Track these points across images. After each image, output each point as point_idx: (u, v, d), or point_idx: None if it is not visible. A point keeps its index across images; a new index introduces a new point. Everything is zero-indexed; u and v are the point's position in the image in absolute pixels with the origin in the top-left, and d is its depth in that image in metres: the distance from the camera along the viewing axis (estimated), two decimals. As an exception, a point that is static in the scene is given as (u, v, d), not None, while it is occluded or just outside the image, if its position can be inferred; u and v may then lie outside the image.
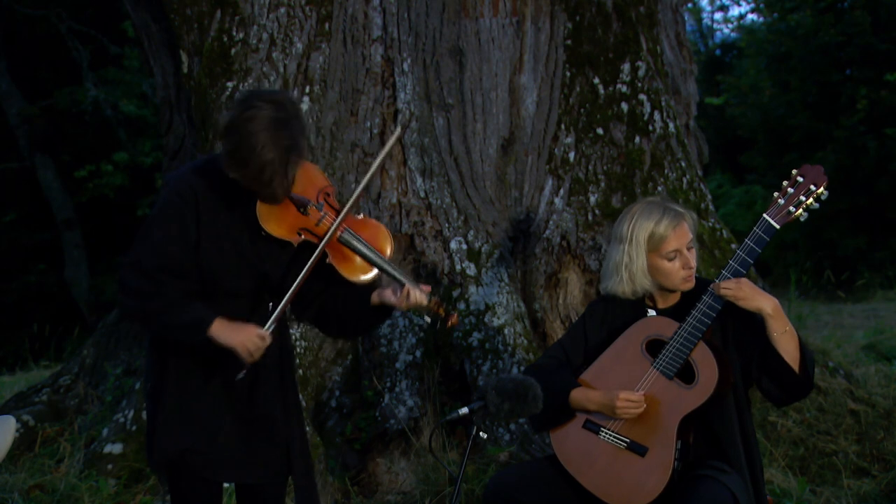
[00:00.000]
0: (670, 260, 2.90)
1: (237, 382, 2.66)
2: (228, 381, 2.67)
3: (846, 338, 6.84)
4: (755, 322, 2.84)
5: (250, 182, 2.55)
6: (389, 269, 2.74)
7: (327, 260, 2.70)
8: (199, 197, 2.62)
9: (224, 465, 2.72)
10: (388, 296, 2.73)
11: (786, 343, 2.76)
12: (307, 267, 2.64)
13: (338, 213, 2.71)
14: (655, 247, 2.89)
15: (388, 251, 2.77)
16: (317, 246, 2.66)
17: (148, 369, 2.79)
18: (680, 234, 2.90)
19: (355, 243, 2.72)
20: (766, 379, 2.84)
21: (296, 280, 2.63)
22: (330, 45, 4.94)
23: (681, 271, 2.90)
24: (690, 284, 2.93)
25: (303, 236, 2.67)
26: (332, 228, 2.67)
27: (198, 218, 2.61)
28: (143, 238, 2.62)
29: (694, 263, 2.92)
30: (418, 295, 2.69)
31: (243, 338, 2.58)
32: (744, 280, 2.77)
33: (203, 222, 2.62)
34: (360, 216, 2.82)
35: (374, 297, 2.75)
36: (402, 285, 2.71)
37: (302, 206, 2.66)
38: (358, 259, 2.72)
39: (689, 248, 2.91)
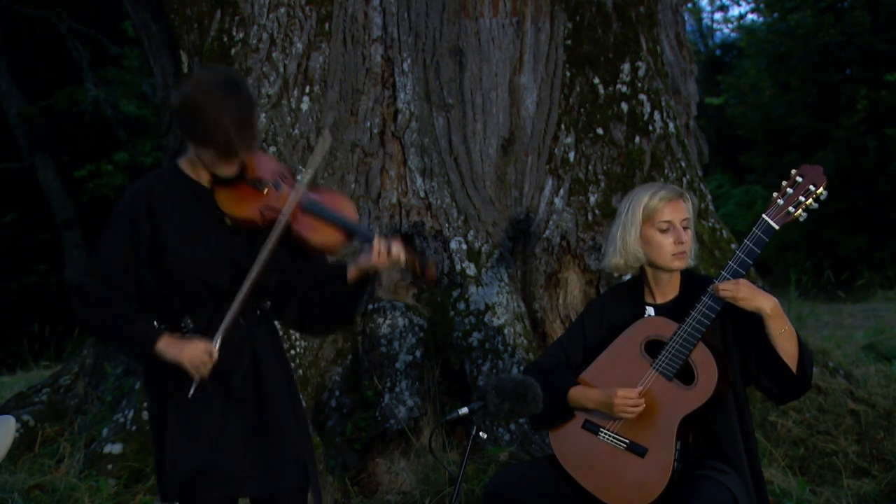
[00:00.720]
0: (662, 231, 2.90)
1: (238, 392, 2.64)
2: (231, 393, 2.65)
3: (846, 338, 6.84)
4: (754, 320, 2.84)
5: (213, 146, 2.54)
6: (356, 228, 2.72)
7: (293, 229, 2.67)
8: (152, 203, 2.61)
9: (239, 479, 2.67)
10: (363, 260, 2.69)
11: (784, 343, 2.76)
12: (273, 236, 2.62)
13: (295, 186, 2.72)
14: (649, 216, 2.92)
15: (352, 215, 2.75)
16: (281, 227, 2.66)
17: (148, 393, 2.76)
18: (675, 208, 2.91)
19: (318, 209, 2.70)
20: (764, 377, 2.84)
21: (261, 259, 2.60)
22: (330, 45, 4.94)
23: (672, 246, 2.89)
24: (681, 264, 2.91)
25: (266, 214, 2.66)
26: (293, 197, 2.66)
27: (153, 223, 2.60)
28: (98, 247, 2.63)
29: (687, 240, 2.90)
30: (391, 247, 2.65)
31: (189, 354, 2.56)
32: (742, 280, 2.76)
33: (161, 227, 2.60)
34: (319, 190, 2.83)
35: (351, 272, 2.72)
36: (371, 242, 2.66)
37: (259, 184, 2.67)
38: (324, 225, 2.69)
39: (684, 227, 2.91)
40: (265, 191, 2.68)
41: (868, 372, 5.28)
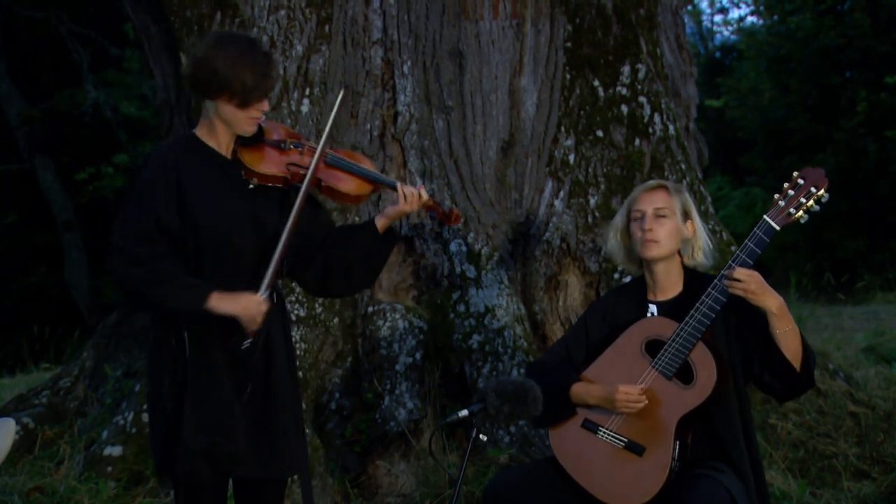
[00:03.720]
0: (635, 220, 2.97)
1: (251, 370, 2.65)
2: (242, 371, 2.66)
3: (846, 340, 6.84)
4: (758, 318, 2.85)
5: (230, 94, 2.60)
6: (380, 177, 2.84)
7: (323, 184, 2.75)
8: (178, 163, 2.66)
9: (241, 460, 2.68)
10: (391, 208, 2.80)
11: (788, 341, 2.77)
12: (301, 193, 2.68)
13: (314, 147, 2.79)
14: (629, 207, 3.01)
15: (372, 167, 2.87)
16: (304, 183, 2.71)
17: (157, 368, 2.73)
18: (648, 197, 2.96)
19: (341, 162, 2.80)
20: (767, 375, 2.85)
21: (296, 211, 2.66)
22: (330, 47, 4.95)
23: (639, 233, 2.94)
24: (651, 253, 2.94)
25: (292, 169, 2.72)
26: (319, 149, 2.74)
27: (178, 181, 2.63)
28: (128, 207, 2.63)
29: (655, 228, 2.92)
30: (415, 190, 2.77)
31: (244, 304, 2.58)
32: (756, 274, 2.77)
33: (186, 185, 2.63)
34: (336, 149, 2.93)
35: (380, 221, 2.80)
36: (395, 188, 2.78)
37: (281, 143, 2.75)
38: (350, 176, 2.80)
39: (657, 215, 2.94)
40: (288, 150, 2.75)
41: (868, 374, 5.28)
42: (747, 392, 2.93)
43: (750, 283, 2.74)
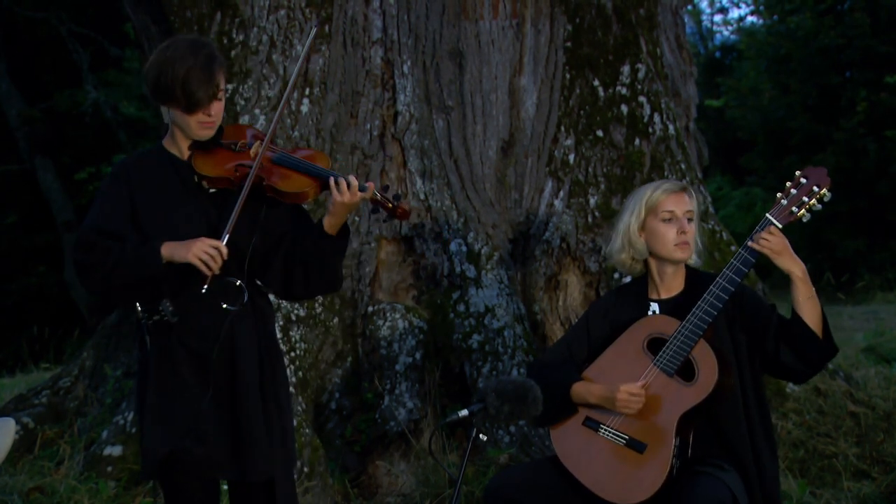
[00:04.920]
0: (665, 221, 2.94)
1: (214, 371, 2.65)
2: (206, 375, 2.65)
3: (846, 340, 6.84)
4: (763, 309, 2.87)
5: (174, 100, 2.62)
6: (323, 171, 2.74)
7: (265, 182, 2.71)
8: (131, 174, 2.72)
9: (215, 462, 2.68)
10: (330, 204, 2.72)
11: (810, 309, 2.78)
12: (246, 185, 2.66)
13: (269, 146, 2.77)
14: (652, 208, 2.96)
15: (324, 165, 2.79)
16: (254, 186, 2.69)
17: (136, 378, 2.81)
18: (678, 200, 2.94)
19: (286, 159, 2.75)
20: (786, 352, 2.82)
21: (237, 206, 2.64)
22: (330, 47, 4.95)
23: (675, 236, 2.92)
24: (683, 254, 2.94)
25: (239, 171, 2.70)
26: (262, 148, 2.71)
27: (130, 189, 2.69)
28: (87, 216, 2.72)
29: (689, 231, 2.93)
30: (352, 181, 2.66)
31: (195, 249, 2.57)
32: (783, 235, 2.77)
33: (137, 196, 2.69)
34: (297, 149, 2.91)
35: (326, 220, 2.73)
36: (335, 181, 2.69)
37: (234, 146, 2.76)
38: (294, 173, 2.74)
39: (687, 218, 2.94)
40: (239, 151, 2.76)
41: (868, 374, 5.28)
42: (761, 390, 2.92)
43: (775, 241, 2.74)
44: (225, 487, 3.14)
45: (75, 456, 4.54)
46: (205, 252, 2.57)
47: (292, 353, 4.53)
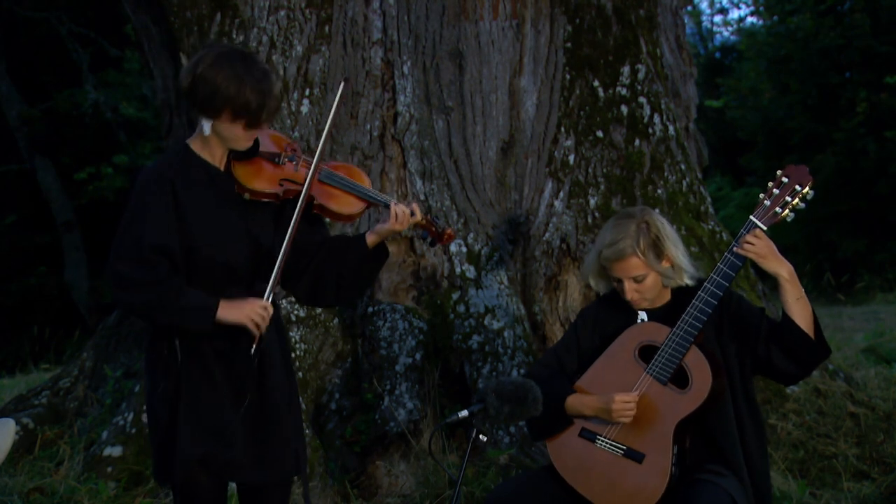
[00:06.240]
0: (616, 282, 2.95)
1: (246, 375, 2.65)
2: (237, 377, 2.66)
3: (846, 340, 6.85)
4: (751, 315, 2.86)
5: (232, 115, 2.56)
6: (374, 195, 2.81)
7: (315, 202, 2.74)
8: (173, 181, 2.62)
9: (238, 466, 2.68)
10: (382, 226, 2.79)
11: (800, 310, 2.77)
12: (297, 211, 2.67)
13: (309, 160, 2.77)
14: (604, 267, 2.96)
15: (367, 183, 2.84)
16: (299, 200, 2.70)
17: (152, 375, 2.73)
18: (621, 268, 2.90)
19: (336, 179, 2.78)
20: (777, 354, 2.80)
21: (286, 237, 2.65)
22: (330, 47, 4.95)
23: (626, 294, 2.92)
24: (641, 307, 2.95)
25: (285, 185, 2.70)
26: (313, 167, 2.72)
27: (175, 199, 2.60)
28: (126, 229, 2.59)
29: (638, 290, 2.90)
30: (407, 209, 2.77)
31: (248, 311, 2.58)
32: (765, 238, 2.77)
33: (183, 203, 2.61)
34: (332, 162, 2.90)
35: (370, 237, 2.80)
36: (388, 207, 2.78)
37: (276, 157, 2.73)
38: (344, 193, 2.78)
39: (637, 279, 2.89)
40: (283, 164, 2.73)
41: (868, 375, 5.28)
42: (751, 394, 2.91)
43: (761, 246, 2.74)
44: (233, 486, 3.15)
45: (75, 456, 4.54)
46: (258, 314, 2.59)
47: (292, 354, 4.53)
